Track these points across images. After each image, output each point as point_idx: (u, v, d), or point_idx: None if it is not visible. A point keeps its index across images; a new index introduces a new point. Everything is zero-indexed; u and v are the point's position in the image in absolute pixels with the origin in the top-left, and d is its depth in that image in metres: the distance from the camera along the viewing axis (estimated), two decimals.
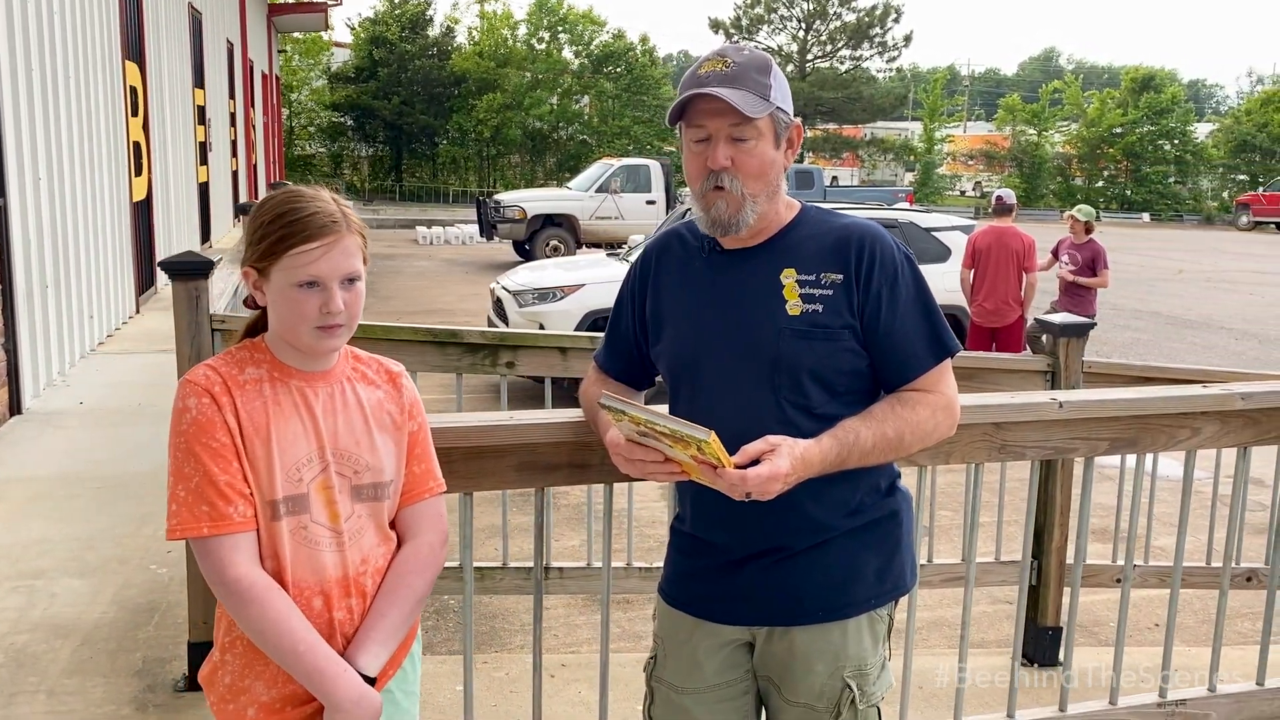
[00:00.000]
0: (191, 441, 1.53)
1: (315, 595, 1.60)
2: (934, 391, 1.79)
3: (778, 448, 1.64)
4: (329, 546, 1.61)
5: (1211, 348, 12.77)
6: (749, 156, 1.74)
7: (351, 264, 1.59)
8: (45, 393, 6.52)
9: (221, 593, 1.55)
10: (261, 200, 1.64)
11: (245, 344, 1.66)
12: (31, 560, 4.11)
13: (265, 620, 1.53)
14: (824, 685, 1.82)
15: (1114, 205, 43.99)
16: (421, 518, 1.73)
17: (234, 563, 1.53)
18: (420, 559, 1.70)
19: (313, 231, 1.56)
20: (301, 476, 1.59)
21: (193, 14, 13.51)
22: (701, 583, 1.89)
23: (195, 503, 1.52)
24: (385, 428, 1.68)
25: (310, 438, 1.60)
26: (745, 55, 1.75)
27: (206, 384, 1.56)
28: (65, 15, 7.28)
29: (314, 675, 1.55)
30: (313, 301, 1.56)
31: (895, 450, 1.76)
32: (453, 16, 40.58)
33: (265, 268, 1.58)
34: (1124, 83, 46.85)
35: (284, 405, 1.59)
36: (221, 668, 1.63)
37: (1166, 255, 26.06)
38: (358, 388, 1.68)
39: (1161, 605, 5.12)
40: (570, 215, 18.60)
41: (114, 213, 8.63)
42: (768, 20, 42.07)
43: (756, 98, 1.71)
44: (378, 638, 1.63)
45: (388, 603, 1.66)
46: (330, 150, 38.51)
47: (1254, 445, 2.53)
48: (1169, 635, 2.68)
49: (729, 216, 1.76)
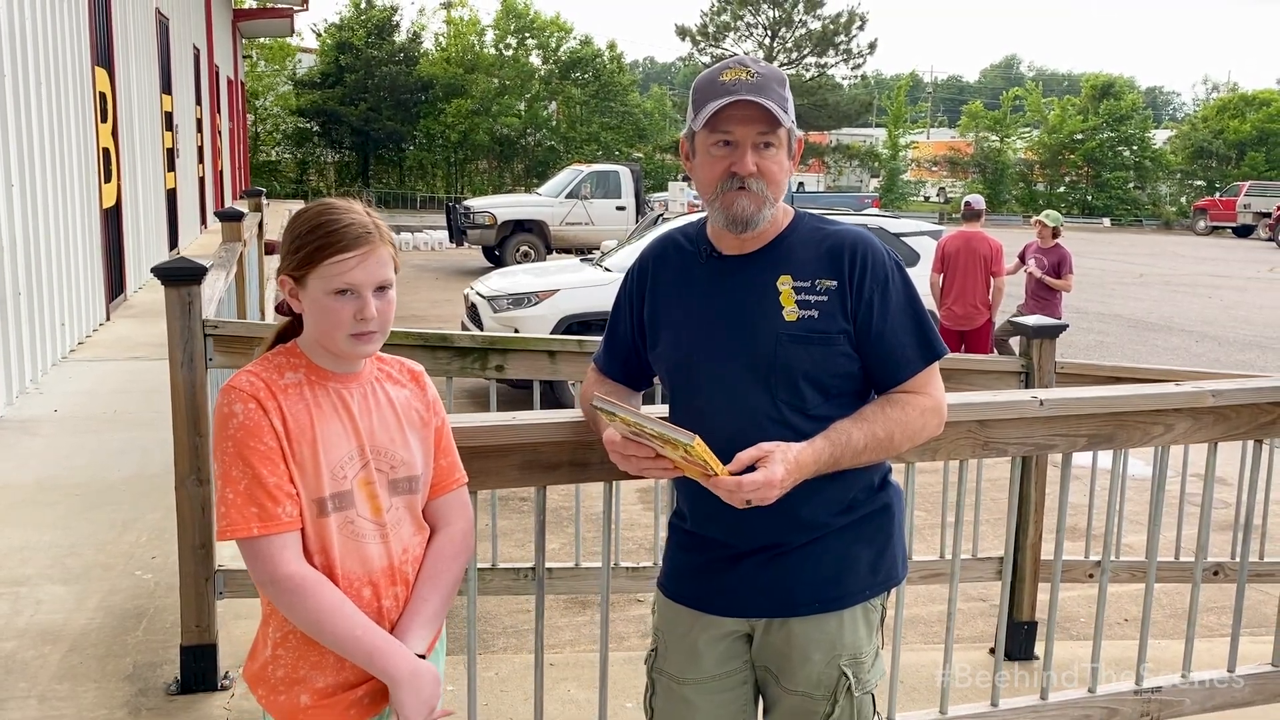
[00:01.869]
0: (240, 445, 1.59)
1: (364, 585, 1.67)
2: (923, 393, 1.86)
3: (770, 454, 1.70)
4: (374, 538, 1.69)
5: (1173, 350, 13.03)
6: (771, 163, 1.81)
7: (384, 273, 1.66)
8: (18, 400, 6.46)
9: (273, 591, 1.61)
10: (297, 212, 1.71)
11: (280, 349, 1.72)
12: (13, 567, 4.09)
13: (321, 610, 1.60)
14: (821, 674, 1.88)
15: (1075, 210, 44.62)
16: (451, 508, 1.83)
17: (284, 560, 1.60)
18: (455, 545, 1.80)
19: (348, 241, 1.62)
20: (345, 474, 1.66)
21: (160, 19, 13.42)
22: (701, 577, 1.95)
23: (245, 504, 1.58)
24: (414, 424, 1.76)
25: (350, 436, 1.68)
26: (765, 67, 1.81)
27: (251, 390, 1.62)
28: (36, 20, 7.24)
29: (374, 655, 1.63)
30: (348, 309, 1.63)
31: (886, 450, 1.84)
32: (419, 23, 40.49)
33: (302, 276, 1.64)
34: (1084, 90, 47.59)
35: (324, 407, 1.67)
36: (274, 663, 1.69)
37: (1127, 259, 26.51)
38: (386, 387, 1.76)
39: (1132, 601, 5.24)
40: (541, 221, 18.64)
41: (84, 220, 8.57)
42: (734, 28, 42.32)
43: (779, 108, 1.79)
44: (422, 620, 1.72)
45: (430, 587, 1.75)
46: (296, 156, 38.26)
47: (1223, 440, 2.63)
48: (1145, 625, 2.77)
49: (752, 212, 1.82)
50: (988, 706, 2.62)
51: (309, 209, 1.69)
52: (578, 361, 3.46)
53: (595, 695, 2.45)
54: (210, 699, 3.21)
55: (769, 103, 1.76)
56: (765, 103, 1.76)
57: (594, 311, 8.45)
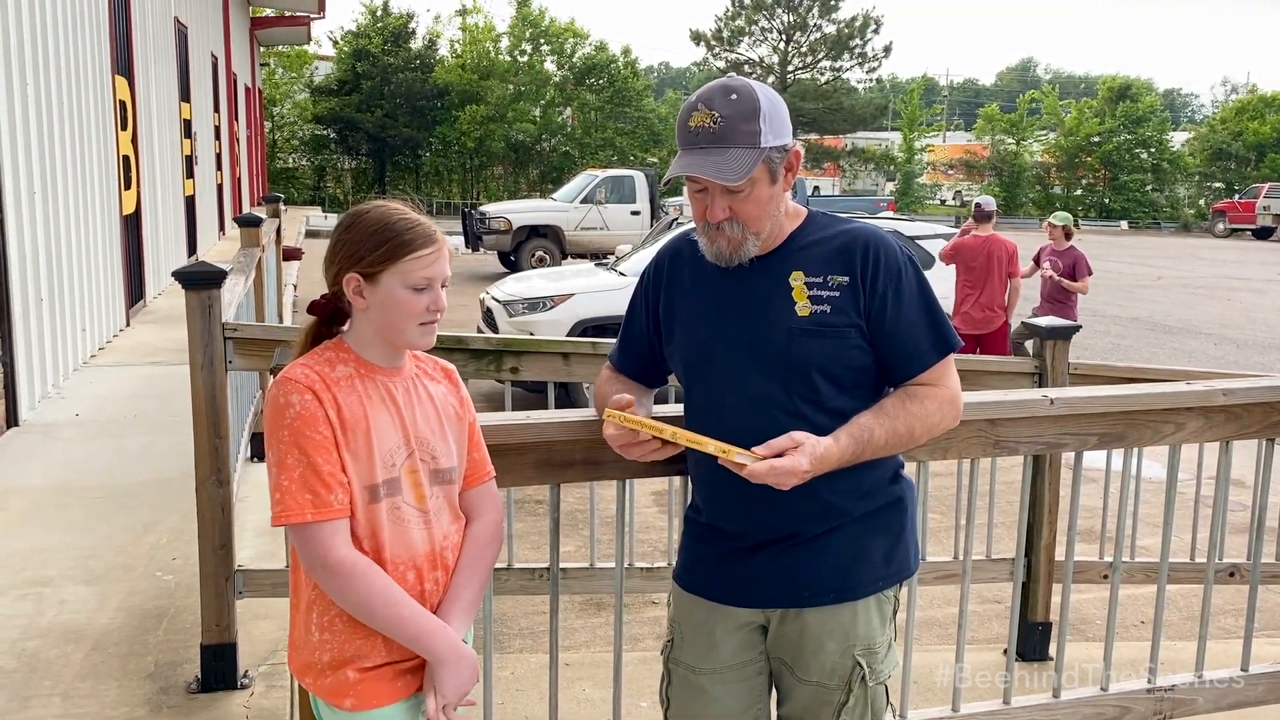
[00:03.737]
0: (296, 434, 1.65)
1: (409, 569, 1.74)
2: (939, 385, 1.90)
3: (801, 445, 1.75)
4: (418, 524, 1.76)
5: (1190, 353, 12.97)
6: (745, 203, 1.83)
7: (448, 268, 1.76)
8: (41, 405, 6.54)
9: (324, 575, 1.67)
10: (355, 214, 1.77)
11: (327, 345, 1.78)
12: (36, 568, 4.15)
13: (372, 592, 1.67)
14: (835, 664, 1.91)
15: (1092, 213, 44.44)
16: (484, 499, 1.90)
17: (336, 545, 1.66)
18: (490, 534, 1.88)
19: (425, 239, 1.72)
20: (395, 462, 1.73)
21: (179, 28, 13.55)
22: (716, 568, 1.98)
23: (300, 490, 1.64)
24: (450, 419, 1.83)
25: (397, 427, 1.75)
26: (733, 103, 1.79)
27: (307, 381, 1.69)
28: (57, 30, 7.33)
29: (421, 635, 1.70)
30: (423, 301, 1.72)
31: (906, 444, 1.88)
32: (435, 30, 40.66)
33: (376, 273, 1.71)
34: (1101, 92, 47.42)
35: (374, 399, 1.73)
36: (320, 648, 1.74)
37: (1145, 262, 26.37)
38: (425, 383, 1.84)
39: (1147, 603, 5.23)
40: (555, 226, 18.70)
41: (105, 227, 8.66)
42: (748, 32, 42.39)
43: (745, 150, 1.78)
44: (463, 606, 1.79)
45: (468, 574, 1.82)
46: (313, 163, 38.50)
47: (1235, 440, 2.63)
48: (1157, 623, 2.78)
49: (730, 253, 1.87)
50: (1000, 704, 2.63)
51: (371, 211, 1.76)
52: (592, 364, 3.49)
53: (610, 695, 2.47)
54: (230, 697, 3.24)
55: (727, 157, 1.77)
56: (718, 170, 1.77)
57: (608, 316, 8.48)
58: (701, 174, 1.78)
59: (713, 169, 1.78)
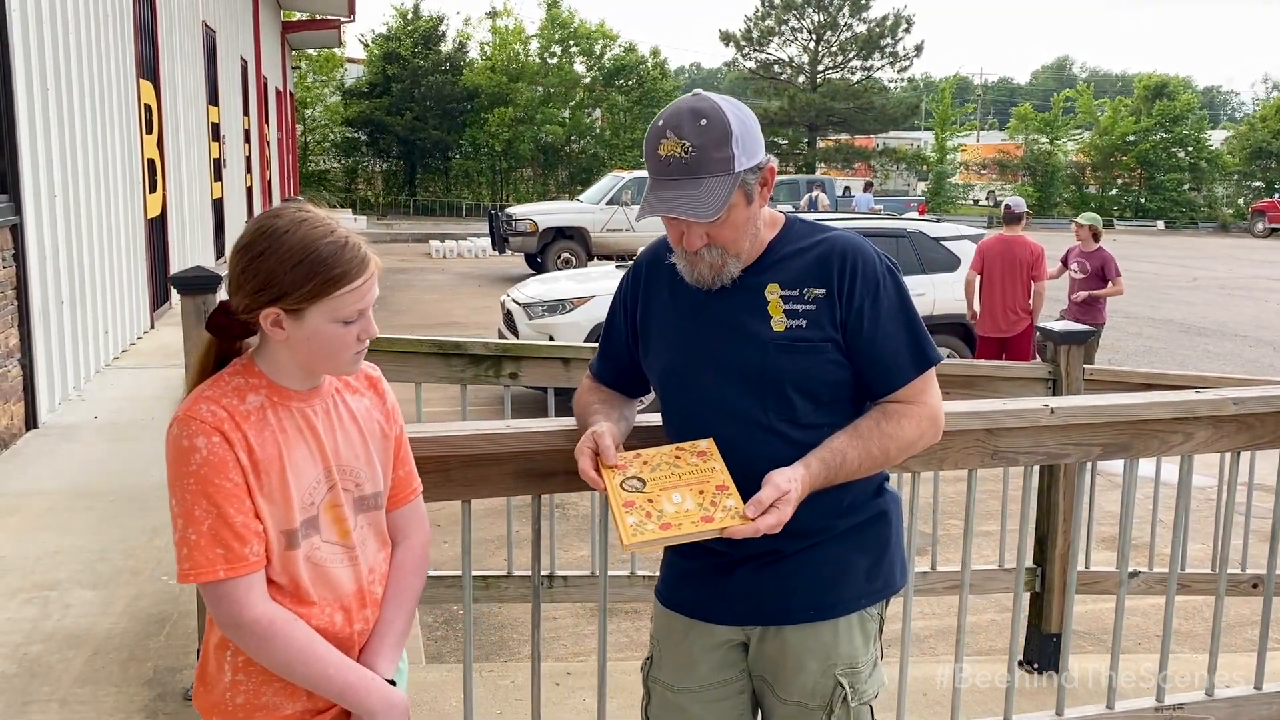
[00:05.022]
0: (204, 483, 1.49)
1: (336, 611, 1.62)
2: (917, 402, 1.83)
3: (787, 494, 1.69)
4: (342, 562, 1.63)
5: (1225, 355, 12.73)
6: (722, 229, 1.77)
7: (377, 288, 1.60)
8: (61, 407, 6.59)
9: (239, 634, 1.53)
10: (268, 233, 1.54)
11: (236, 369, 1.60)
12: (46, 572, 4.17)
13: (290, 653, 1.54)
14: (816, 683, 1.85)
15: (1128, 213, 43.86)
16: (409, 520, 1.78)
17: (251, 603, 1.51)
18: (415, 560, 1.76)
19: (357, 268, 1.53)
20: (314, 500, 1.60)
21: (207, 32, 13.66)
22: (695, 584, 1.93)
23: (210, 545, 1.49)
24: (375, 436, 1.70)
25: (317, 459, 1.60)
26: (703, 130, 1.71)
27: (214, 421, 1.51)
28: (81, 35, 7.39)
29: (346, 692, 1.58)
30: (353, 332, 1.57)
31: (880, 465, 1.82)
32: (465, 32, 40.87)
33: (301, 309, 1.52)
34: (1136, 90, 46.76)
35: (290, 432, 1.58)
36: (233, 690, 1.60)
37: (1181, 263, 25.97)
38: (347, 399, 1.68)
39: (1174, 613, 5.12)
40: (581, 228, 18.69)
41: (129, 229, 8.73)
42: (778, 32, 42.20)
43: (718, 179, 1.71)
44: (390, 643, 1.68)
45: (395, 608, 1.70)
46: (344, 165, 38.75)
47: (1246, 450, 2.55)
48: (1165, 638, 2.70)
49: (712, 277, 1.81)
50: None
51: (289, 231, 1.53)
52: None
53: (615, 705, 2.43)
54: None
55: (700, 190, 1.70)
56: (686, 204, 1.70)
57: None
58: (676, 213, 1.71)
59: (687, 206, 1.70)
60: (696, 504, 1.71)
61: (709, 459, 1.77)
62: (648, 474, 1.77)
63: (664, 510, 1.71)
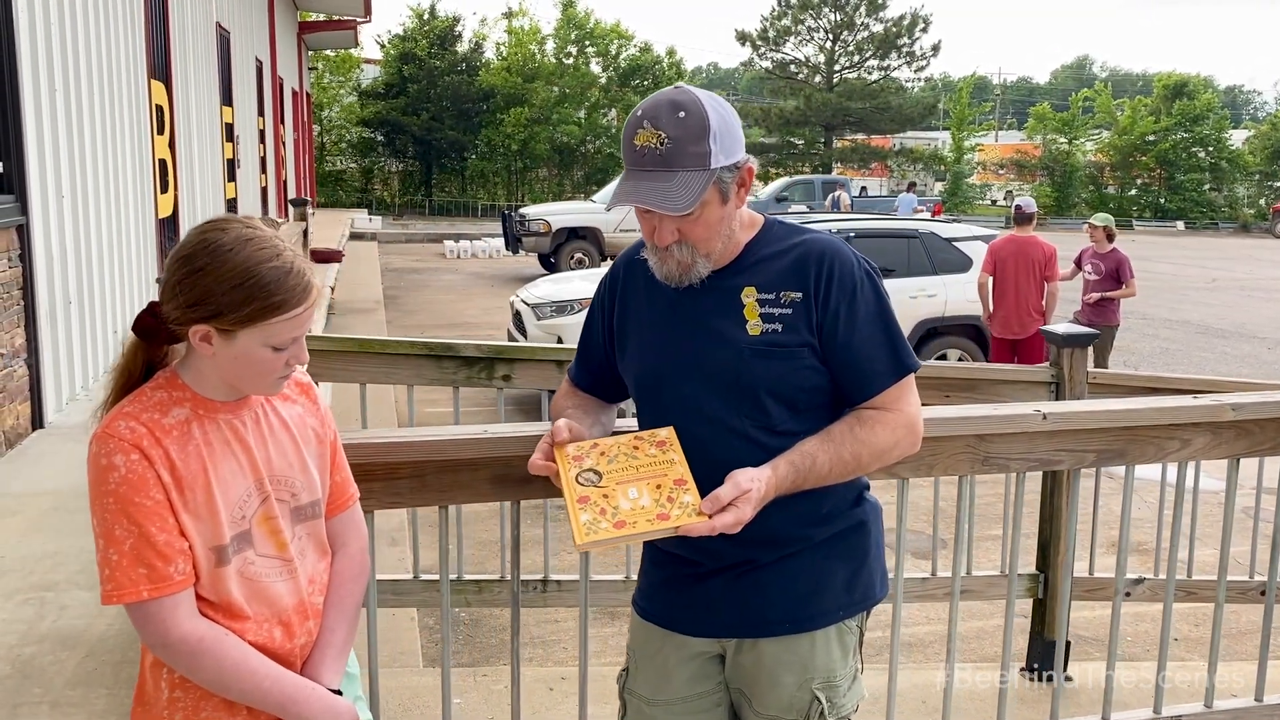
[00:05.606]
0: (123, 502, 1.45)
1: (275, 626, 1.58)
2: (894, 410, 1.78)
3: (747, 494, 1.64)
4: (279, 576, 1.59)
5: (1243, 357, 12.59)
6: (694, 226, 1.73)
7: (317, 315, 1.59)
8: (68, 408, 6.61)
9: (168, 654, 1.50)
10: (210, 247, 1.48)
11: (160, 382, 1.56)
12: (44, 573, 4.16)
13: (223, 669, 1.50)
14: (792, 697, 1.81)
15: (1147, 214, 43.53)
16: (347, 527, 1.75)
17: (177, 622, 1.48)
18: (355, 567, 1.73)
19: (298, 297, 1.49)
20: (245, 514, 1.55)
21: (220, 33, 13.71)
22: (670, 594, 1.90)
23: (132, 565, 1.45)
24: (310, 443, 1.66)
25: (247, 471, 1.56)
26: (681, 122, 1.68)
27: (133, 438, 1.46)
28: (90, 37, 7.41)
29: (286, 704, 1.55)
30: (283, 357, 1.53)
31: (853, 471, 1.77)
32: (481, 33, 40.90)
33: (233, 330, 1.48)
34: (1156, 90, 46.40)
35: (216, 445, 1.53)
36: (170, 707, 1.56)
37: (1200, 264, 25.74)
38: (278, 407, 1.65)
39: (1183, 619, 5.05)
40: (595, 228, 18.66)
41: (139, 230, 8.75)
42: (794, 32, 42.06)
43: (693, 174, 1.68)
44: (333, 653, 1.65)
45: (336, 616, 1.68)
46: (361, 165, 38.89)
47: (1246, 457, 2.49)
48: (1163, 647, 2.64)
49: (680, 274, 1.78)
50: None
51: (231, 250, 1.47)
52: None
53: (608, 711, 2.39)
54: None
55: (674, 183, 1.67)
56: (664, 198, 1.67)
57: None
58: (647, 203, 1.68)
59: (658, 197, 1.67)
60: (653, 500, 1.65)
61: (668, 449, 1.71)
62: (604, 466, 1.71)
63: (619, 507, 1.65)
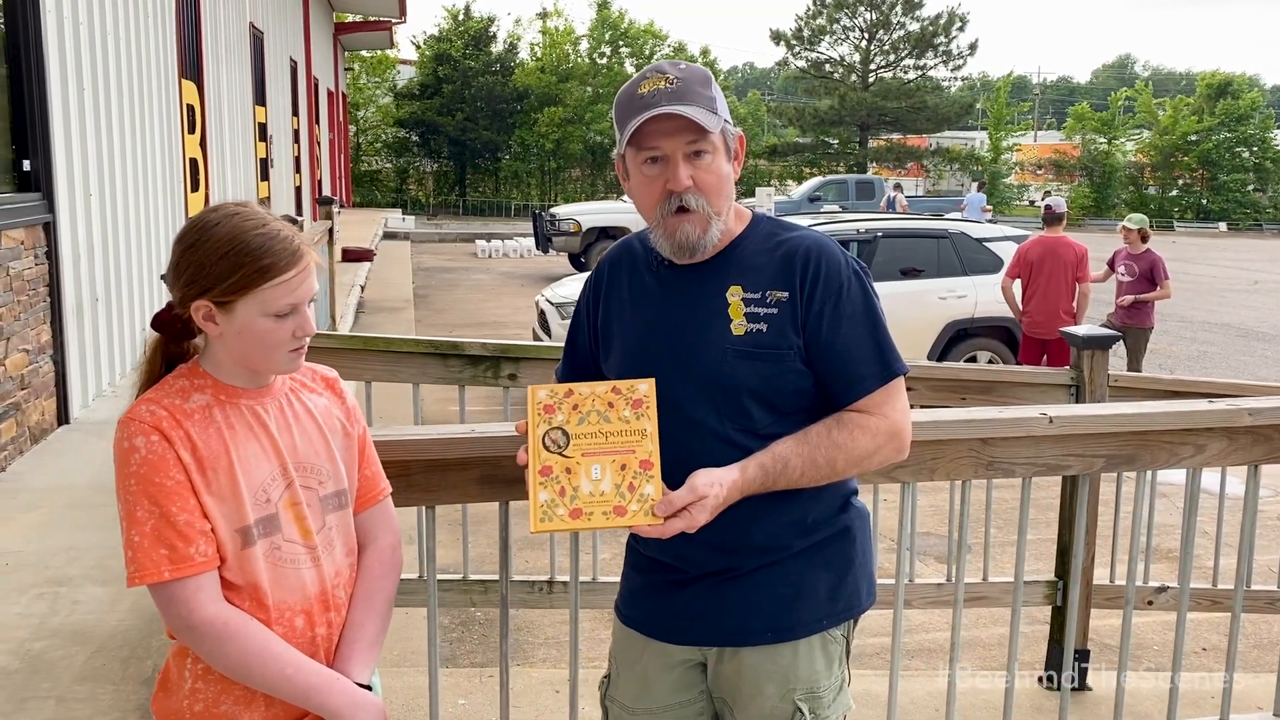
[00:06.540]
0: (144, 482, 1.48)
1: (297, 615, 1.58)
2: (877, 415, 1.72)
3: (703, 500, 1.59)
4: (305, 563, 1.59)
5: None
6: (708, 173, 1.69)
7: (315, 283, 1.57)
8: (94, 403, 6.68)
9: (192, 637, 1.50)
10: (201, 226, 1.54)
11: (181, 371, 1.59)
12: (60, 567, 4.19)
13: (248, 654, 1.50)
14: (774, 708, 1.76)
15: (1189, 215, 42.85)
16: (378, 521, 1.74)
17: (200, 604, 1.48)
18: (386, 563, 1.72)
19: (286, 260, 1.51)
20: (269, 496, 1.56)
21: (254, 33, 13.83)
22: (651, 601, 1.85)
23: (154, 546, 1.47)
24: (336, 433, 1.67)
25: (270, 456, 1.57)
26: (684, 70, 1.70)
27: (153, 420, 1.49)
28: (120, 37, 7.49)
29: (309, 693, 1.53)
30: (287, 328, 1.54)
31: (826, 475, 1.70)
32: (515, 33, 40.99)
33: (230, 301, 1.51)
34: (1199, 89, 45.67)
35: (238, 428, 1.55)
36: (192, 698, 1.57)
37: (1242, 265, 25.27)
38: (303, 397, 1.66)
39: (1212, 628, 4.93)
40: (625, 228, 18.61)
41: (168, 228, 8.82)
42: (830, 31, 41.80)
43: (706, 114, 1.67)
44: (363, 647, 1.63)
45: (365, 611, 1.66)
46: (396, 165, 39.16)
47: (1265, 464, 2.41)
48: (1176, 659, 2.56)
49: (696, 238, 1.71)
50: None
51: (219, 224, 1.52)
52: None
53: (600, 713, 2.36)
54: None
55: (691, 109, 1.65)
56: (686, 110, 1.64)
57: None
58: (678, 110, 1.63)
59: (686, 110, 1.64)
60: (614, 485, 1.59)
61: (642, 414, 1.62)
62: (574, 426, 1.62)
63: (579, 489, 1.59)
